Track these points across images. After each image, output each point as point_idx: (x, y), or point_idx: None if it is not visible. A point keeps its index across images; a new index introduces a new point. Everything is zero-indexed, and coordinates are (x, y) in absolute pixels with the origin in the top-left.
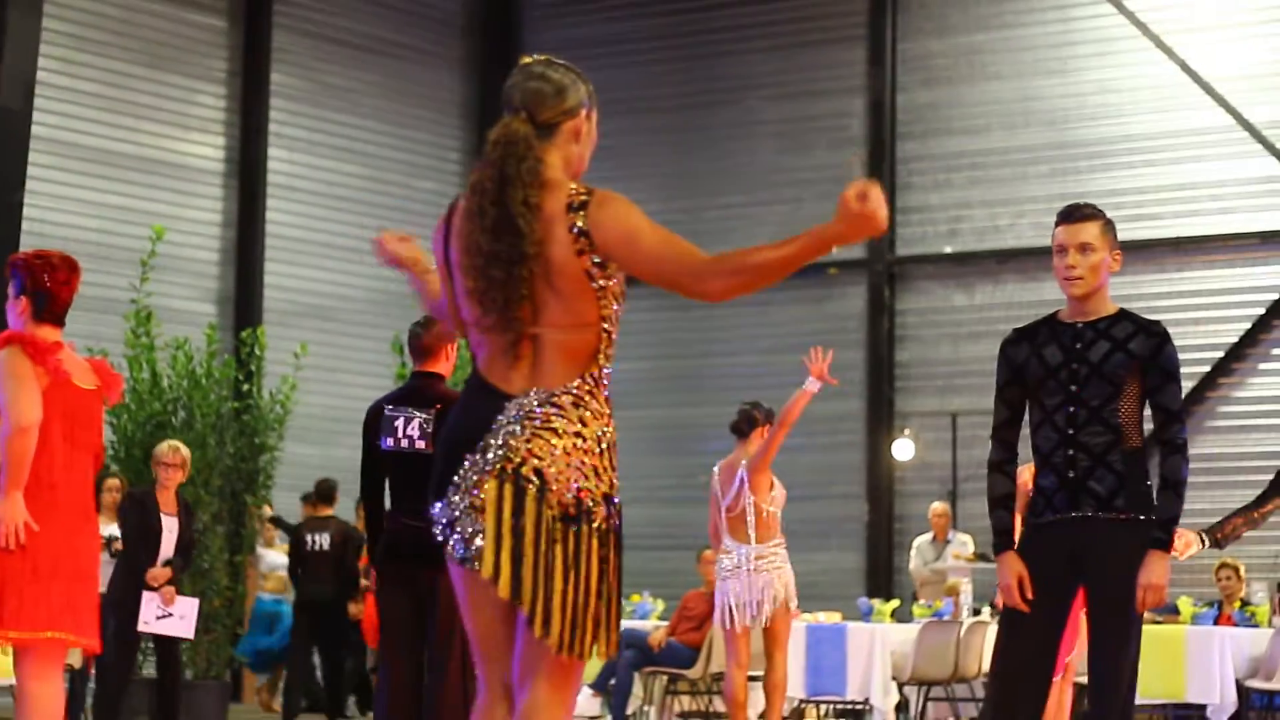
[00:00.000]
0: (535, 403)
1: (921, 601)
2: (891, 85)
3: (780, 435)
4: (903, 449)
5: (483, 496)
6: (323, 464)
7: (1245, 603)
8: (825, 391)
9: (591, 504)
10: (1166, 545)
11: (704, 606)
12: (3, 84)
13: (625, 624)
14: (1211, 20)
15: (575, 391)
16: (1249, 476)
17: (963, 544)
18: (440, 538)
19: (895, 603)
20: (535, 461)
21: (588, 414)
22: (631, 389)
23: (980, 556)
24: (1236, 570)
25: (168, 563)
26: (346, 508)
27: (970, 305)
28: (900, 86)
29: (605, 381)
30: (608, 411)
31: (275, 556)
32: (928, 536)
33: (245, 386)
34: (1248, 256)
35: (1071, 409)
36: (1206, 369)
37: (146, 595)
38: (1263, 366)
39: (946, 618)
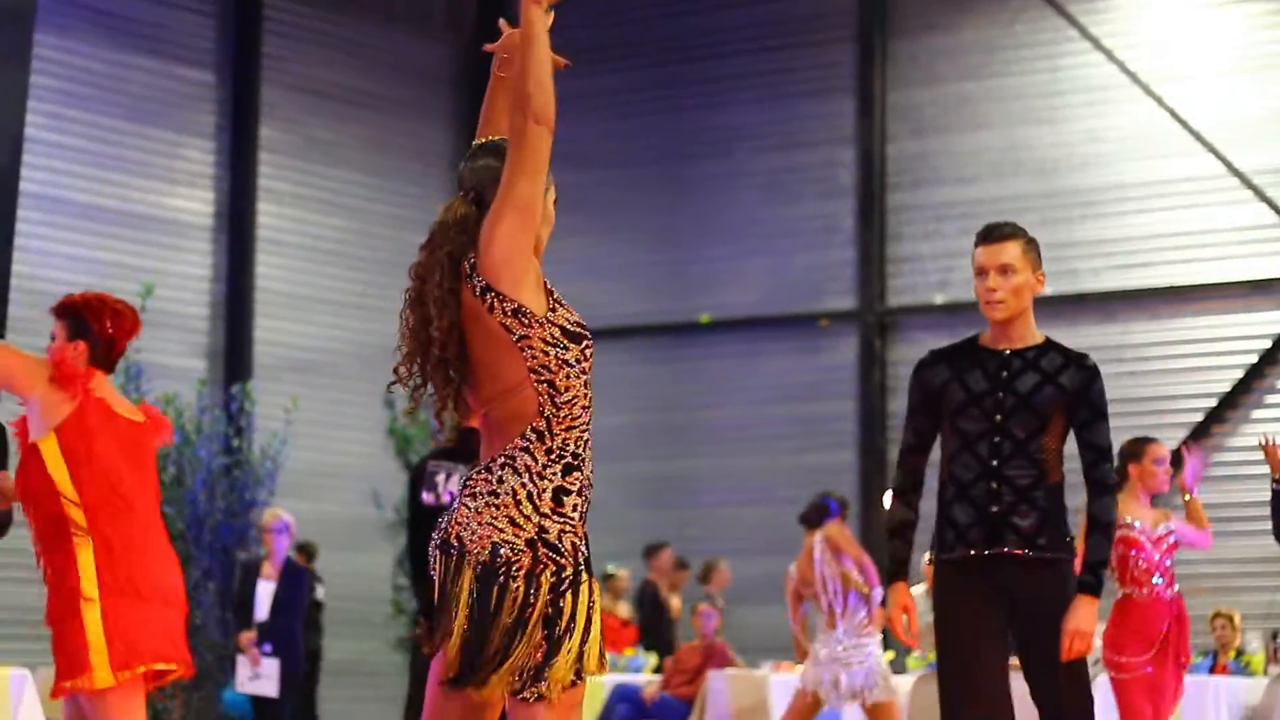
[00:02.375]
0: (474, 472)
1: (916, 653)
2: (881, 135)
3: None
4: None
5: (434, 572)
6: (313, 518)
7: (1240, 652)
8: (817, 443)
9: (511, 553)
10: (1096, 590)
11: (697, 659)
12: None
13: (618, 678)
14: (1201, 67)
15: (508, 452)
16: (1244, 526)
17: None
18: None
19: (890, 655)
20: (456, 529)
21: (509, 471)
22: (620, 441)
23: None
24: (1231, 619)
25: (260, 625)
26: (335, 561)
27: None
28: (889, 136)
29: (555, 430)
30: (544, 461)
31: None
32: (922, 588)
33: (235, 441)
34: (1240, 304)
35: (996, 439)
36: (1200, 418)
37: (239, 658)
38: (1256, 415)
39: None
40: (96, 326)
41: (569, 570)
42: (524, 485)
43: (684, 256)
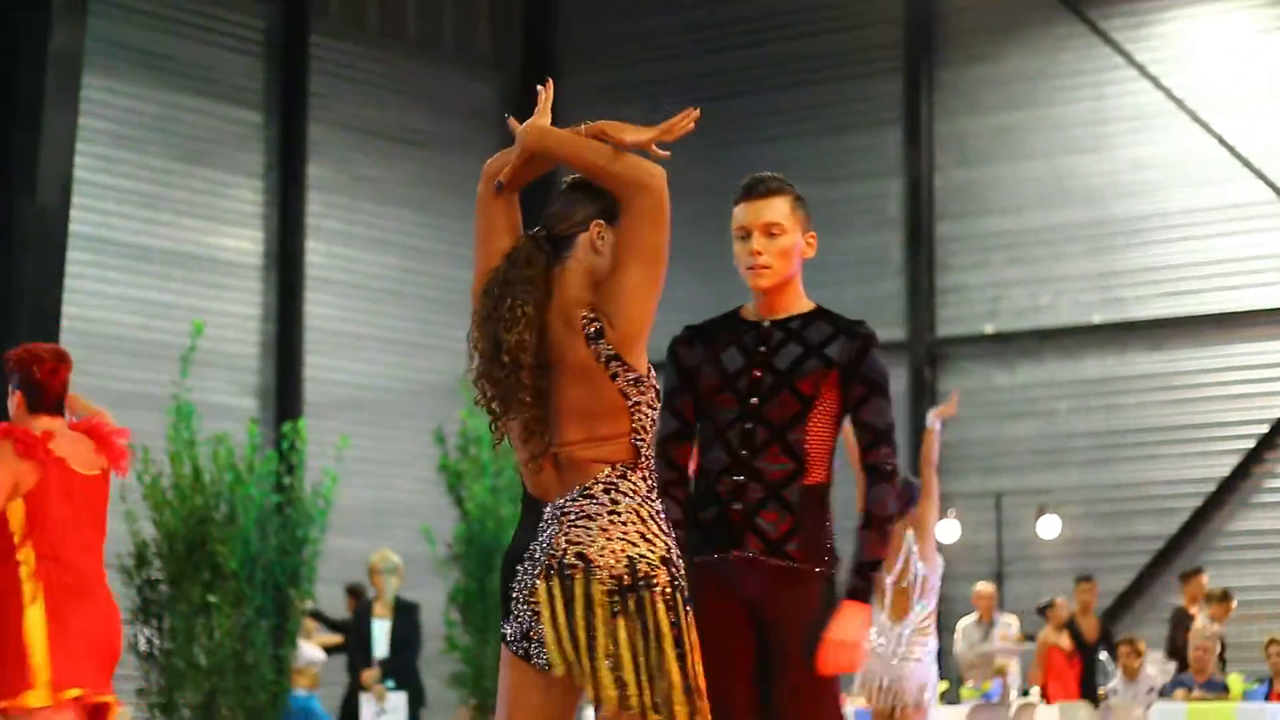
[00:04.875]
0: (567, 499)
1: (969, 684)
2: (928, 166)
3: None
4: (948, 530)
5: (537, 599)
6: (366, 556)
7: None
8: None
9: (649, 568)
10: (864, 595)
11: None
12: (40, 181)
13: None
14: (1247, 94)
15: (604, 480)
16: None
17: (1008, 625)
18: (519, 653)
19: (944, 685)
20: (574, 548)
21: (618, 493)
22: None
23: (1028, 637)
24: None
25: (383, 662)
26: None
27: (1012, 384)
28: (937, 167)
29: (642, 464)
30: (644, 488)
31: (310, 651)
32: (973, 618)
33: (287, 480)
34: None
35: (748, 426)
36: (1252, 444)
37: (363, 696)
38: None
39: (995, 699)
40: (23, 375)
41: (686, 591)
42: (640, 505)
43: (733, 289)
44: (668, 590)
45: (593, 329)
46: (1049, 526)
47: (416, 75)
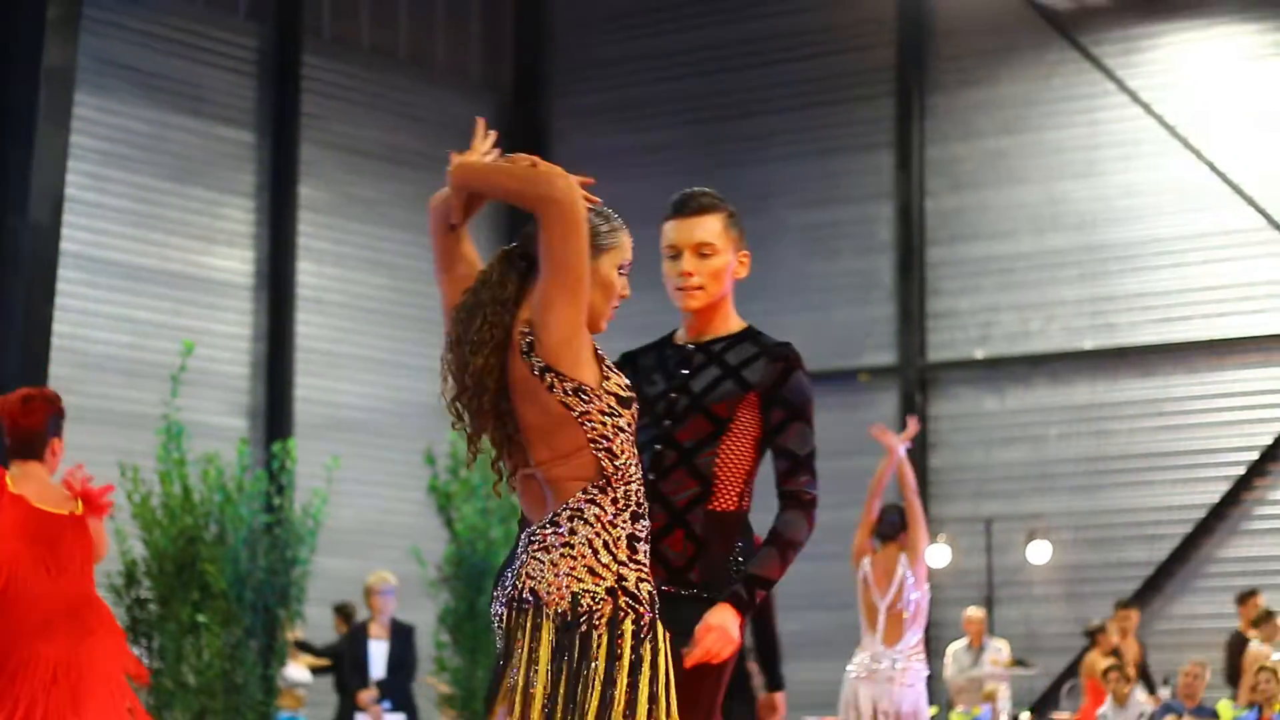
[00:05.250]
0: (538, 527)
1: (959, 708)
2: (920, 190)
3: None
4: (937, 555)
5: (501, 627)
6: (356, 576)
7: None
8: (858, 498)
9: (593, 602)
10: (746, 607)
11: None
12: (31, 199)
13: None
14: (1239, 120)
15: (573, 505)
16: None
17: (998, 650)
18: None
19: (933, 710)
20: (530, 582)
21: (580, 522)
22: None
23: (1017, 662)
24: (1275, 673)
25: (380, 683)
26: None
27: (1003, 410)
28: (928, 191)
29: (614, 484)
30: (612, 511)
31: (294, 672)
32: (963, 643)
33: (276, 500)
34: None
35: (658, 448)
36: (1242, 471)
37: (359, 716)
38: None
39: None
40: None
41: (647, 618)
42: (597, 535)
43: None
44: (618, 619)
45: (525, 343)
46: (1039, 552)
47: (408, 96)
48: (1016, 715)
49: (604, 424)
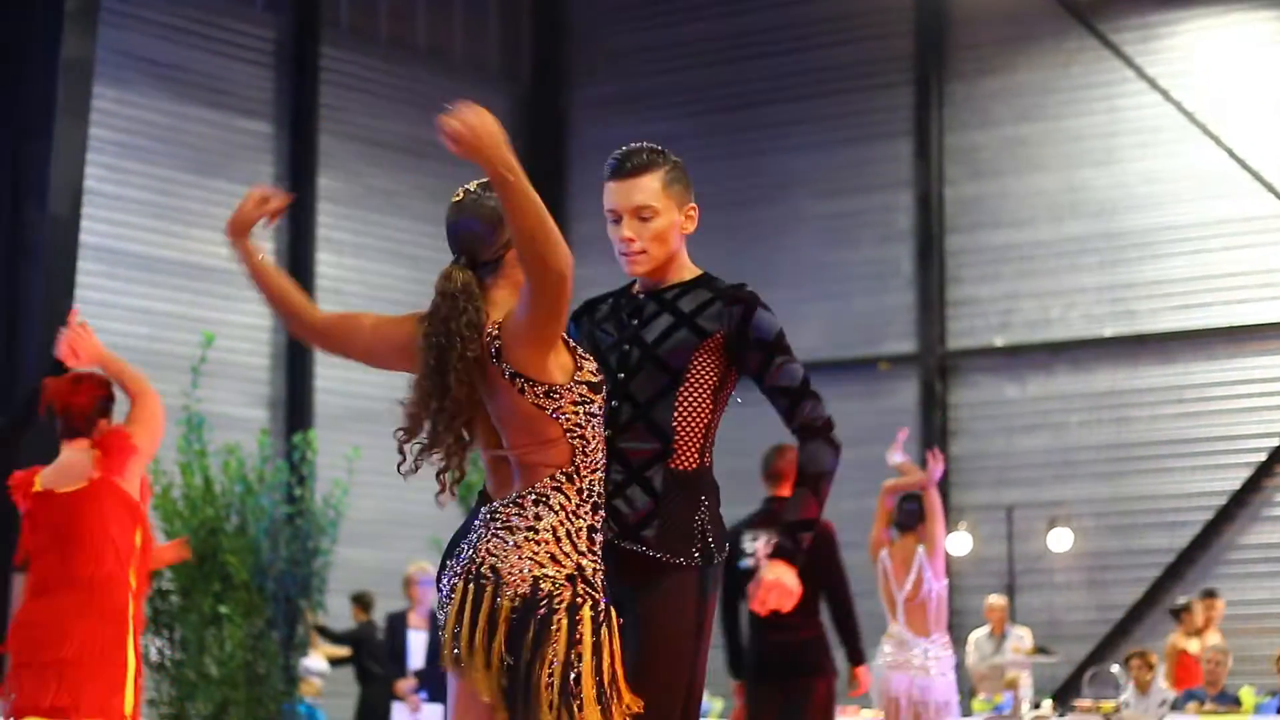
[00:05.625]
0: (500, 505)
1: (981, 696)
2: (939, 178)
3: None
4: (959, 543)
5: (453, 597)
6: (376, 566)
7: None
8: (879, 487)
9: (554, 587)
10: (791, 556)
11: None
12: (51, 192)
13: None
14: (1258, 107)
15: (539, 490)
16: None
17: (1020, 638)
18: (443, 642)
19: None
20: (491, 559)
21: (545, 508)
22: None
23: (1039, 650)
24: None
25: (419, 673)
26: (396, 609)
27: (1023, 397)
28: (947, 180)
29: (582, 472)
30: (577, 501)
31: (312, 661)
32: (985, 630)
33: (297, 491)
34: None
35: (614, 404)
36: (1263, 457)
37: (396, 705)
38: None
39: (1007, 712)
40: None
41: (603, 605)
42: (561, 524)
43: None
44: (577, 604)
45: (494, 347)
46: (1060, 539)
47: (427, 86)
48: (1039, 703)
49: (576, 413)
